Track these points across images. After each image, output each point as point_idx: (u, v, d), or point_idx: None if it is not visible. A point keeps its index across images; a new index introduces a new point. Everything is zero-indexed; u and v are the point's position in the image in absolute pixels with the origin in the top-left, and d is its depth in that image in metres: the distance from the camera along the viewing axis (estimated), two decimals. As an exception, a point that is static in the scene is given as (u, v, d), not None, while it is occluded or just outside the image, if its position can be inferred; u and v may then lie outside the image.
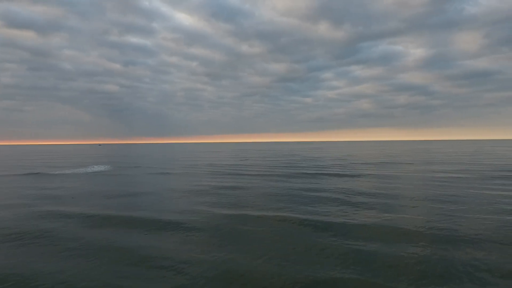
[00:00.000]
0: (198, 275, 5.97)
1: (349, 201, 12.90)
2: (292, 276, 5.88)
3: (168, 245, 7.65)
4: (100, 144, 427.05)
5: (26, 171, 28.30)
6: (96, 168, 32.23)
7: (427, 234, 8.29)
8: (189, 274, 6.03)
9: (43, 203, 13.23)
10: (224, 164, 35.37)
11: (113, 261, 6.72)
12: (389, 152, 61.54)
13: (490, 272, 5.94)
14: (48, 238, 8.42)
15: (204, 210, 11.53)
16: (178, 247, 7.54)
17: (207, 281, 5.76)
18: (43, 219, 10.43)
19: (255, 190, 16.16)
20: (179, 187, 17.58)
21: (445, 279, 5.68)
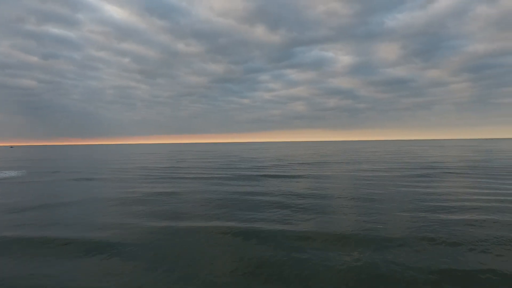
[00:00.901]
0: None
1: (289, 204, 12.78)
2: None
3: (90, 273, 6.40)
4: (11, 146, 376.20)
5: None
6: (4, 174, 27.63)
7: (361, 236, 8.40)
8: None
9: None
10: (159, 166, 33.23)
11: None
12: (322, 153, 65.11)
13: (418, 270, 6.08)
14: None
15: (135, 223, 10.25)
16: (103, 275, 6.35)
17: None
18: None
19: (193, 195, 15.17)
20: (105, 195, 15.68)
21: (380, 281, 5.62)
